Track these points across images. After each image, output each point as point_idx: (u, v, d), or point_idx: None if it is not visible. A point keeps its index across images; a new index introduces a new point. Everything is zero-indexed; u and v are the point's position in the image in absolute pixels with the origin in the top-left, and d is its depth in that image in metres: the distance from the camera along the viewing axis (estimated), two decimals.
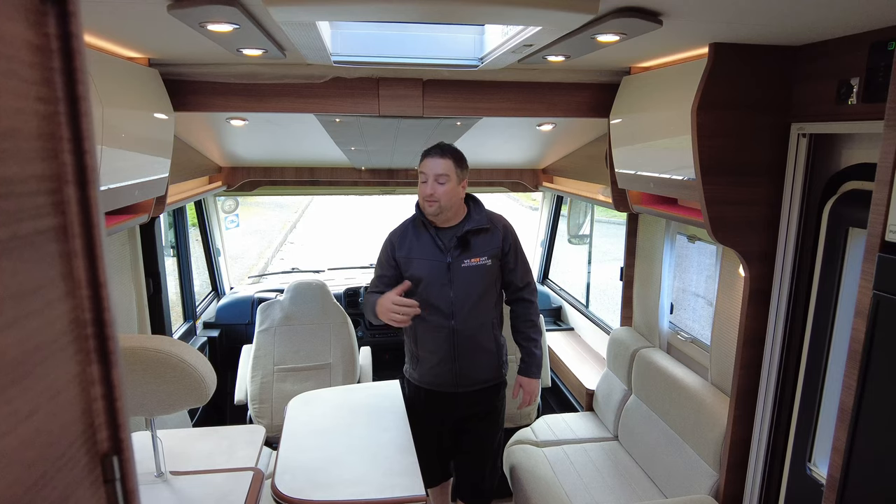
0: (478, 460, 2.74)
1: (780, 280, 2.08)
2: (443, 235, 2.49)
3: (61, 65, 0.51)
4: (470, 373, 2.55)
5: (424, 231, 2.51)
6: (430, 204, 2.41)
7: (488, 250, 2.49)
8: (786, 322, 2.09)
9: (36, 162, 0.48)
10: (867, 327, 1.29)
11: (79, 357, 0.56)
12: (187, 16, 1.53)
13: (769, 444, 2.18)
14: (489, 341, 2.56)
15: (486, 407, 2.65)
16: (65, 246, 0.53)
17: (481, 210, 2.55)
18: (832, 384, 1.90)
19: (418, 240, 2.51)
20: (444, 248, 2.47)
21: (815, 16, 1.57)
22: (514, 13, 1.56)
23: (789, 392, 2.11)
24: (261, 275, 5.48)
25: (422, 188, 2.42)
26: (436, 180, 2.39)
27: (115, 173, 2.01)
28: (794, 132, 1.99)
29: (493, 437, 2.75)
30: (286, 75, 2.52)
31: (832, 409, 1.89)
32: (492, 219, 2.54)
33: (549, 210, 4.94)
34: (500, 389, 2.68)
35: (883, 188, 1.24)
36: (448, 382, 2.55)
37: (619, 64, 2.54)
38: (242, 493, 1.90)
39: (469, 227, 2.48)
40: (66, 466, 0.54)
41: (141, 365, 1.72)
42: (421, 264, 2.48)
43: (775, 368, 2.12)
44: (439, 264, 2.46)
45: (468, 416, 2.66)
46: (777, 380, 2.13)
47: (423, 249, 2.49)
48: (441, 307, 2.47)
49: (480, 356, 2.55)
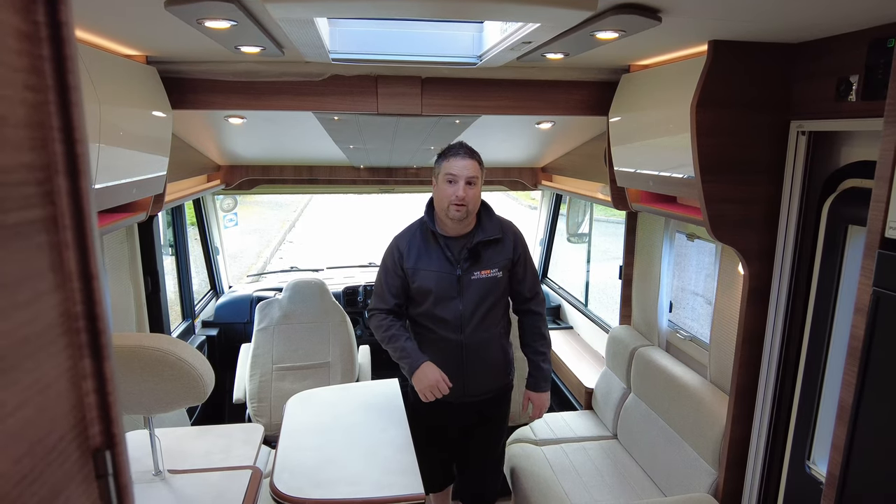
0: (482, 464, 2.71)
1: (780, 278, 2.08)
2: (452, 246, 2.37)
3: (51, 53, 0.50)
4: (478, 383, 2.48)
5: (433, 240, 2.39)
6: (459, 209, 2.27)
7: (499, 262, 2.39)
8: (785, 320, 2.08)
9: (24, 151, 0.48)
10: (867, 324, 1.28)
11: (69, 350, 0.55)
12: (185, 12, 1.52)
13: (768, 442, 2.17)
14: (498, 352, 2.49)
15: (492, 412, 2.61)
16: (55, 237, 0.52)
17: (492, 217, 2.44)
18: (831, 382, 1.90)
19: (427, 250, 2.39)
20: (454, 259, 2.36)
21: (814, 13, 1.57)
22: (513, 10, 1.56)
23: (788, 390, 2.10)
24: (259, 273, 5.47)
25: (449, 190, 2.28)
26: (467, 182, 2.26)
27: (113, 171, 2.00)
28: (794, 130, 1.99)
29: (498, 441, 2.72)
30: (284, 73, 2.52)
31: (831, 407, 1.88)
32: (503, 227, 2.44)
33: (548, 209, 4.94)
34: (507, 393, 2.63)
35: (883, 185, 1.23)
36: (455, 393, 2.41)
37: (618, 62, 2.53)
38: (241, 491, 1.89)
39: (481, 239, 2.36)
40: (57, 461, 0.53)
41: (139, 363, 1.72)
42: (429, 276, 2.37)
43: (774, 366, 2.12)
44: (448, 276, 2.36)
45: (474, 423, 2.62)
46: (776, 378, 2.12)
47: (432, 260, 2.38)
48: (449, 320, 2.39)
49: (489, 367, 2.48)
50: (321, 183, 4.32)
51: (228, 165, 3.99)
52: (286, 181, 4.25)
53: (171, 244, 3.96)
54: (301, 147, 3.73)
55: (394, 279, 2.44)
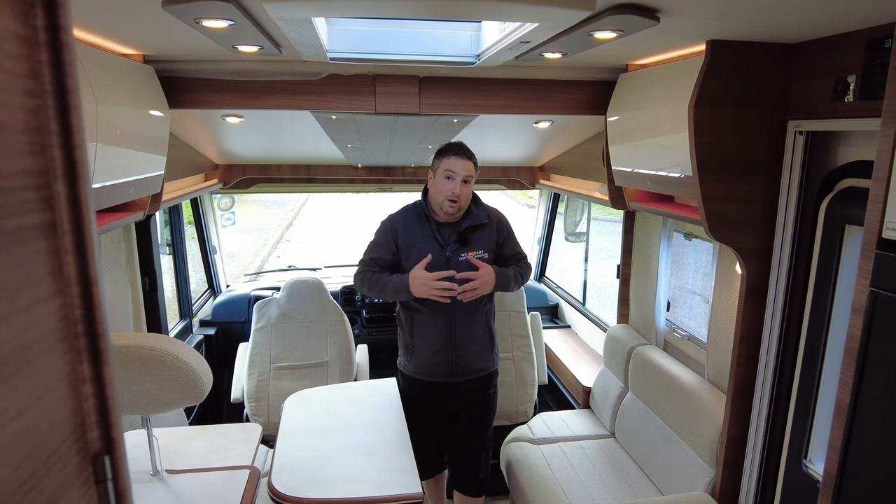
0: (473, 449, 2.78)
1: (777, 277, 2.08)
2: (443, 230, 2.56)
3: (49, 57, 0.50)
4: (466, 363, 2.62)
5: (426, 223, 2.57)
6: (453, 205, 2.47)
7: (486, 244, 2.58)
8: (782, 319, 2.09)
9: (23, 156, 0.48)
10: (864, 324, 1.29)
11: (69, 356, 0.55)
12: (182, 12, 1.51)
13: (765, 440, 2.18)
14: (484, 332, 2.65)
15: (479, 396, 2.72)
16: (54, 242, 0.52)
17: (480, 205, 2.62)
18: (828, 381, 1.91)
19: (420, 230, 2.57)
20: (444, 242, 2.54)
21: (811, 13, 1.57)
22: (512, 9, 1.55)
23: (785, 389, 2.11)
24: (257, 273, 5.47)
25: (447, 185, 2.47)
26: (463, 180, 2.47)
27: (110, 170, 1.99)
28: (791, 129, 1.99)
29: (488, 425, 2.81)
30: (282, 72, 2.51)
31: (828, 406, 1.89)
32: (489, 213, 2.63)
33: (545, 208, 4.94)
34: (493, 378, 2.77)
35: (880, 185, 1.23)
36: (444, 372, 2.61)
37: (617, 61, 2.53)
38: (239, 491, 1.89)
39: (469, 224, 2.55)
40: (56, 466, 0.53)
41: (137, 363, 1.71)
42: (421, 255, 2.52)
43: (772, 365, 2.12)
44: (438, 257, 2.52)
45: (462, 406, 2.72)
46: (773, 377, 2.13)
47: (424, 241, 2.55)
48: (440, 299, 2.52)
49: (476, 346, 2.63)
50: (319, 182, 4.32)
51: (226, 164, 3.98)
52: (284, 180, 4.24)
53: (169, 243, 3.95)
54: (299, 146, 3.72)
55: (385, 253, 2.60)
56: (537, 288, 4.80)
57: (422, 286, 2.45)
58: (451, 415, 2.75)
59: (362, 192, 5.05)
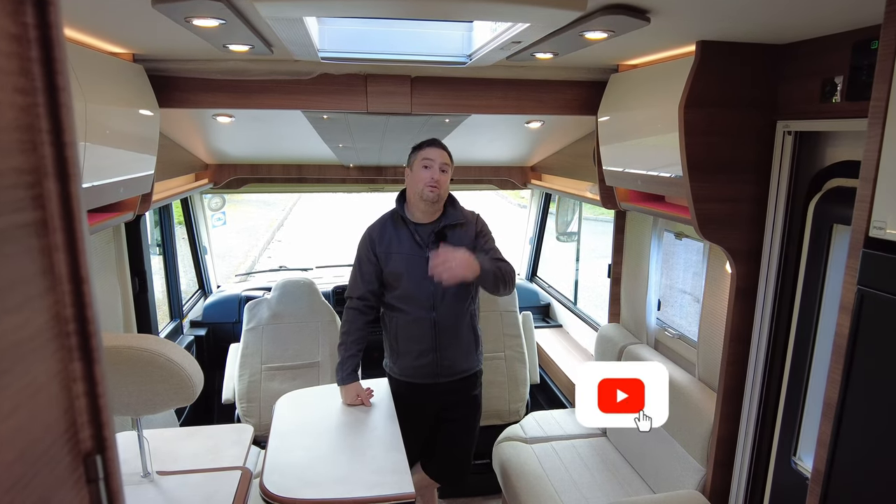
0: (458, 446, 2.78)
1: (766, 276, 2.10)
2: (421, 231, 2.54)
3: (40, 55, 0.49)
4: (450, 363, 2.61)
5: (403, 226, 2.56)
6: (432, 189, 2.45)
7: (464, 242, 2.55)
8: (772, 318, 2.11)
9: (14, 154, 0.47)
10: (851, 322, 1.30)
11: (60, 354, 0.55)
12: (173, 10, 1.51)
13: (755, 438, 2.20)
14: (468, 332, 2.65)
15: (465, 395, 2.73)
16: (45, 241, 0.52)
17: (457, 207, 2.63)
18: (817, 379, 1.93)
19: (397, 235, 2.56)
20: (423, 242, 2.52)
21: (800, 15, 1.59)
22: (503, 10, 1.56)
23: (775, 387, 2.13)
24: (248, 273, 5.43)
25: (425, 174, 2.45)
26: (440, 169, 2.46)
27: (100, 170, 1.98)
28: (780, 130, 2.01)
29: (474, 425, 2.81)
30: (273, 72, 2.50)
31: (817, 404, 1.91)
32: (465, 214, 2.63)
33: (537, 208, 4.95)
34: (478, 377, 2.78)
35: (867, 185, 1.25)
36: (429, 374, 2.61)
37: (607, 61, 2.55)
38: (230, 492, 1.88)
39: (446, 223, 2.55)
40: (48, 466, 0.53)
41: (127, 364, 1.70)
42: (400, 259, 2.53)
43: (761, 364, 2.14)
44: (418, 259, 2.50)
45: (448, 406, 2.72)
46: (763, 375, 2.15)
47: (403, 245, 2.54)
48: (421, 300, 2.52)
49: (460, 346, 2.63)
50: (310, 182, 4.30)
51: (216, 164, 3.96)
52: (275, 180, 4.22)
53: (159, 244, 3.92)
54: (290, 146, 3.71)
55: (367, 266, 2.59)
56: (529, 287, 4.81)
57: (346, 398, 2.51)
58: (436, 415, 2.74)
59: (353, 191, 5.04)
